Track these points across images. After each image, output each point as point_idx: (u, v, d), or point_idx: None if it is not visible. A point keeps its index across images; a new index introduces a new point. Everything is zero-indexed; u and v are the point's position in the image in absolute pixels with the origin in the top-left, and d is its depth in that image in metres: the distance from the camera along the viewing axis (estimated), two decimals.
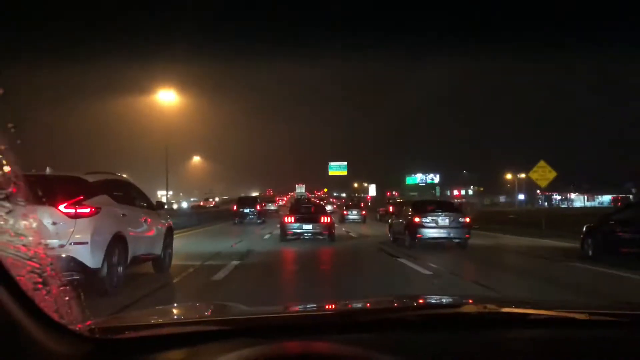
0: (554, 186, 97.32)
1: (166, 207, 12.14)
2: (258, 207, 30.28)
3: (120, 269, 6.53)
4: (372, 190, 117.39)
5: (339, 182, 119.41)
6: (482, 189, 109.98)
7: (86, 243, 5.81)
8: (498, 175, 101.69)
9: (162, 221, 8.75)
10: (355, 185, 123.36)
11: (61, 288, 1.15)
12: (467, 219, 14.61)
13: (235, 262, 9.89)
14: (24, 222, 3.63)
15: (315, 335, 1.39)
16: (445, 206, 15.68)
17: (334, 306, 2.02)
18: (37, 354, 1.01)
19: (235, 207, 30.64)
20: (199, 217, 29.05)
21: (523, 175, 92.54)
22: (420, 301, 2.13)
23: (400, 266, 10.27)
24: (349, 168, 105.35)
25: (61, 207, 5.80)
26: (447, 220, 14.06)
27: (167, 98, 33.33)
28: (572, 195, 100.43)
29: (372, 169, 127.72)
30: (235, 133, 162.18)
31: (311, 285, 7.88)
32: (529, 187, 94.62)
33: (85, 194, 6.12)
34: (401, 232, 15.20)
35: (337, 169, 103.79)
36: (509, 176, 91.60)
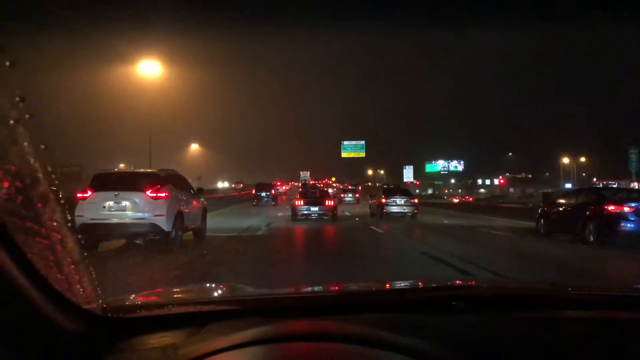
0: (611, 173, 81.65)
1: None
2: (272, 192, 38.03)
3: (180, 233, 10.63)
4: (408, 174, 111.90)
5: (351, 169, 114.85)
6: (530, 175, 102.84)
7: (163, 215, 9.83)
8: (548, 159, 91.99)
9: (201, 202, 12.90)
10: (370, 172, 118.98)
11: (73, 267, 1.22)
12: (416, 200, 23.78)
13: (264, 228, 16.59)
14: (121, 203, 7.95)
15: (322, 315, 1.47)
16: (403, 191, 24.84)
17: (341, 287, 2.16)
18: (50, 331, 1.10)
19: (254, 191, 38.26)
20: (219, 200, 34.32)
21: (583, 159, 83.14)
22: (427, 284, 2.20)
23: (370, 230, 17.14)
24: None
25: (148, 193, 9.88)
26: (402, 201, 22.92)
27: (150, 71, 31.14)
28: (636, 185, 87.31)
29: (391, 157, 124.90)
30: (239, 120, 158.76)
31: (316, 242, 13.74)
32: (582, 173, 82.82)
33: (160, 184, 10.18)
34: (375, 209, 24.01)
35: (353, 149, 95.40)
36: (566, 160, 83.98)
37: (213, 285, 2.88)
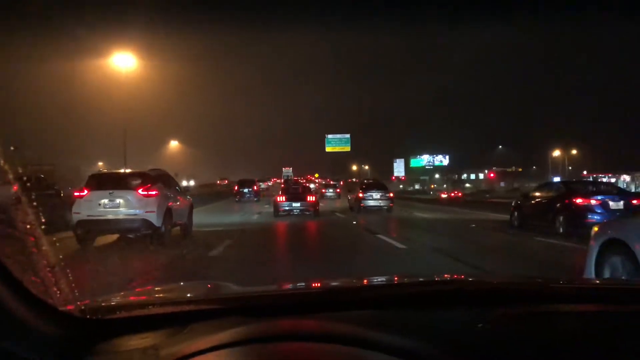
0: (604, 166, 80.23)
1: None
2: (255, 188, 39.22)
3: (169, 228, 11.67)
4: (398, 168, 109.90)
5: (336, 165, 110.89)
6: (520, 169, 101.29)
7: (154, 212, 10.89)
8: (538, 152, 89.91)
9: (187, 199, 14.01)
10: (354, 168, 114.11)
11: (49, 269, 1.23)
12: (391, 194, 25.91)
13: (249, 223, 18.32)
14: (115, 200, 9.46)
15: (306, 313, 1.47)
16: (380, 186, 26.63)
17: (325, 284, 2.14)
18: (27, 335, 1.11)
19: (236, 188, 39.39)
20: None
21: (574, 152, 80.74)
22: (412, 279, 2.22)
23: (349, 223, 19.40)
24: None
25: (139, 191, 10.94)
26: (379, 195, 25.06)
27: (125, 64, 29.92)
28: (627, 178, 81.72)
29: (376, 152, 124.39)
30: (220, 116, 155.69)
31: (298, 236, 14.88)
32: (569, 167, 79.77)
33: (151, 183, 11.26)
34: (353, 203, 26.08)
35: (337, 143, 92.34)
36: (556, 153, 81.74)
37: (195, 283, 2.89)
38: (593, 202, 13.78)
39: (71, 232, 10.56)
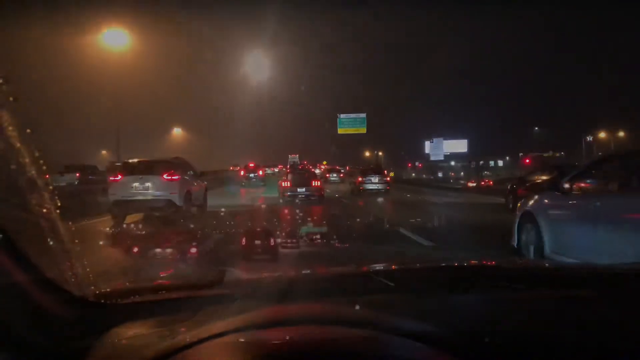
0: None
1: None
2: (260, 173, 43.03)
3: (189, 207, 14.51)
4: (436, 149, 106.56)
5: (348, 151, 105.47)
6: (557, 154, 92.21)
7: (176, 193, 13.70)
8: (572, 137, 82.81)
9: (203, 183, 16.85)
10: (368, 154, 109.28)
11: (65, 254, 1.28)
12: (388, 178, 30.07)
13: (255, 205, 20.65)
14: (144, 184, 14.40)
15: (316, 298, 1.56)
16: (377, 171, 30.81)
17: (333, 270, 2.23)
18: (42, 319, 1.17)
19: (242, 173, 43.15)
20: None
21: (622, 134, 75.45)
22: (425, 265, 2.27)
23: (344, 204, 22.23)
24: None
25: (164, 176, 13.73)
26: (377, 179, 28.99)
27: (116, 42, 28.78)
28: None
29: (393, 135, 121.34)
30: (227, 101, 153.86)
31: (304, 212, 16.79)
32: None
33: (173, 169, 14.11)
34: (354, 187, 30.14)
35: (352, 124, 77.00)
36: (602, 135, 76.56)
37: (205, 269, 3.04)
38: (582, 185, 15.13)
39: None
